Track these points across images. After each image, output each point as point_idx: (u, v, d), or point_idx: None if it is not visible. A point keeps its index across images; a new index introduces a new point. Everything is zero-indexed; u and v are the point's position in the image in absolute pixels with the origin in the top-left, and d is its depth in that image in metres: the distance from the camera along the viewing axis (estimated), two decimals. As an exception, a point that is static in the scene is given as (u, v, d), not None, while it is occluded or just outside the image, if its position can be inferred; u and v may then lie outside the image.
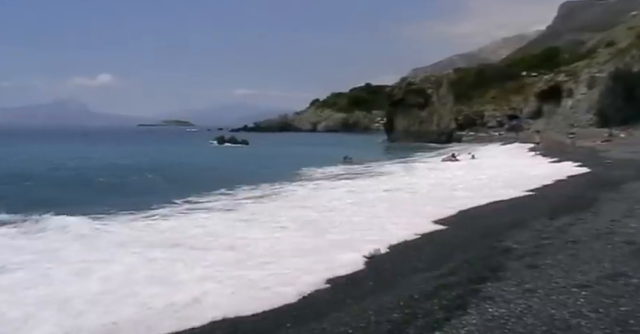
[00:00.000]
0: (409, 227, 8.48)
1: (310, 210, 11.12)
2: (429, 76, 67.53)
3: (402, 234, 7.91)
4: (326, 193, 14.13)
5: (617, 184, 10.75)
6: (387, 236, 7.78)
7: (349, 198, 12.78)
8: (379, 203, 11.92)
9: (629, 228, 6.17)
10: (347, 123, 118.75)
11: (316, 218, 10.00)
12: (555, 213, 8.03)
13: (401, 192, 14.16)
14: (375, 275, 5.85)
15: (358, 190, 14.64)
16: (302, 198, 13.26)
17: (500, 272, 4.71)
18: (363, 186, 16.05)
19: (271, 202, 12.65)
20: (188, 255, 6.99)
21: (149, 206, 11.51)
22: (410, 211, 10.40)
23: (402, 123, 60.76)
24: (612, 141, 31.51)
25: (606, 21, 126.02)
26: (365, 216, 10.07)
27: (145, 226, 9.37)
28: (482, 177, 17.12)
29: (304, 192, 14.65)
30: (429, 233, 8.10)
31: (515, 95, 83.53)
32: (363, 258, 6.52)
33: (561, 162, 20.41)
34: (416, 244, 7.39)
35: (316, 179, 19.03)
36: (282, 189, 15.19)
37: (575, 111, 61.56)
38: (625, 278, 4.15)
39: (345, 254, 6.78)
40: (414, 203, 11.82)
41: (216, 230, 8.92)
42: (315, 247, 7.41)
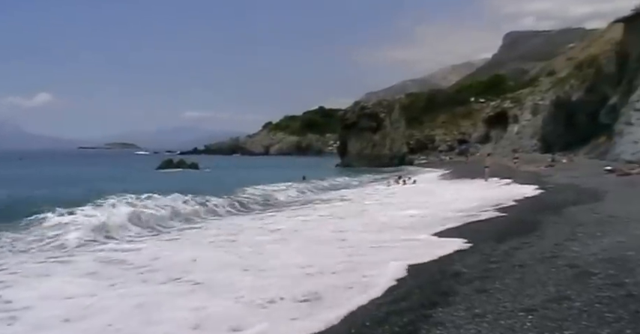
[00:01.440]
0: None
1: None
2: (381, 100, 68.94)
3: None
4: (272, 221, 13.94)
5: (559, 208, 11.16)
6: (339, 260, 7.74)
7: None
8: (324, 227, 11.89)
9: (571, 251, 6.37)
10: (300, 146, 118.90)
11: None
12: (502, 236, 8.23)
13: (347, 217, 14.27)
14: (324, 296, 5.77)
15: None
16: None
17: (451, 297, 4.75)
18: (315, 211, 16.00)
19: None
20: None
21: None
22: (357, 236, 10.43)
23: (355, 147, 61.50)
24: (555, 166, 32.95)
25: (547, 51, 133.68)
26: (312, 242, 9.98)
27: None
28: (423, 202, 17.48)
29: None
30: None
31: (464, 120, 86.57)
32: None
33: (504, 187, 21.07)
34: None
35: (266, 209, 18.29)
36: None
37: (520, 137, 64.25)
38: (568, 302, 4.25)
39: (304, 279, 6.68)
40: (362, 227, 11.87)
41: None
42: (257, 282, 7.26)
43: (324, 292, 6.02)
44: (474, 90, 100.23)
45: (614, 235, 7.20)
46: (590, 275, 5.04)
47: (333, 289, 6.13)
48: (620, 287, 4.52)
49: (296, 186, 26.69)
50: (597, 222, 8.66)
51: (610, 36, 51.91)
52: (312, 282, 6.52)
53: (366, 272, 6.83)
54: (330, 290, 6.07)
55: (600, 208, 10.64)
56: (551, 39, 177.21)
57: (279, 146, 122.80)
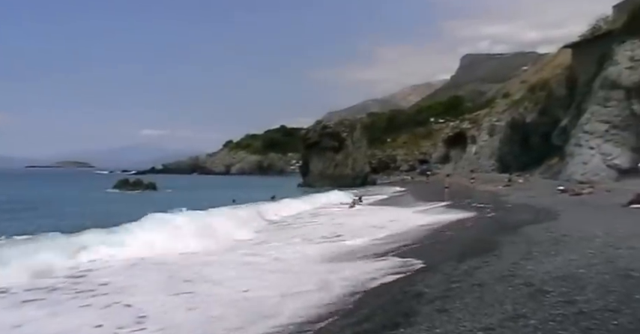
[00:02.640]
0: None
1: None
2: (343, 120, 69.59)
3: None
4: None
5: (516, 228, 11.47)
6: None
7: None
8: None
9: (527, 270, 6.55)
10: (262, 165, 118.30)
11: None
12: (462, 256, 8.39)
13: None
14: (289, 322, 5.75)
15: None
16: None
17: (412, 318, 4.81)
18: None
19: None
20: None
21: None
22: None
23: (317, 166, 61.69)
24: (511, 185, 33.98)
25: (502, 74, 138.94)
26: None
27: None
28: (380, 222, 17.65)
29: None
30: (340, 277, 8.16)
31: (424, 140, 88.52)
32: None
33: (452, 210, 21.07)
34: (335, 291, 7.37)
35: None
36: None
37: (478, 157, 66.01)
38: (524, 320, 4.38)
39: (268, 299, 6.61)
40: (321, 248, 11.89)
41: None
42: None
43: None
44: (433, 110, 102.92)
45: (566, 253, 7.46)
46: (544, 293, 5.20)
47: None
48: (572, 304, 4.70)
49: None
50: (552, 241, 8.92)
51: (560, 60, 54.51)
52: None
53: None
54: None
55: (554, 227, 11.00)
56: (505, 62, 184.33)
57: (241, 165, 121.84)
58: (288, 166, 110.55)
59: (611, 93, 31.59)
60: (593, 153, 31.32)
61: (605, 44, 33.87)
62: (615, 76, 31.36)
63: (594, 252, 7.34)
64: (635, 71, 30.28)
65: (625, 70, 30.89)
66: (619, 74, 31.17)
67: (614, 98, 31.40)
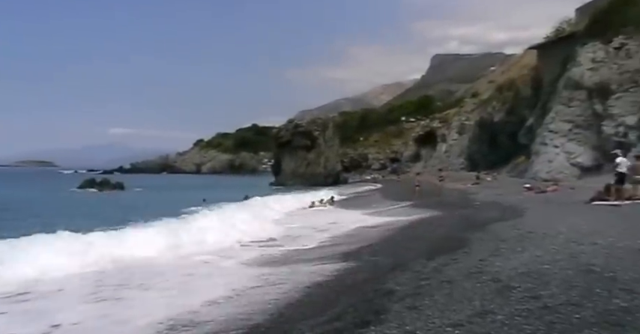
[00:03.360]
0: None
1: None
2: (315, 119, 69.82)
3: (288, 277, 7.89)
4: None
5: (484, 225, 11.67)
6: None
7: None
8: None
9: (495, 266, 6.67)
10: (233, 164, 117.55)
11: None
12: (432, 253, 8.50)
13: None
14: (262, 323, 5.74)
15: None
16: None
17: (383, 315, 4.86)
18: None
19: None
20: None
21: None
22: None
23: (289, 165, 61.69)
24: (480, 183, 34.65)
25: (471, 74, 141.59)
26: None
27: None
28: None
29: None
30: (316, 276, 8.19)
31: (396, 139, 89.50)
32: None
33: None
34: (303, 289, 7.39)
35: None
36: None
37: (448, 156, 67.08)
38: (491, 316, 4.47)
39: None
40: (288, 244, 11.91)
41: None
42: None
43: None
44: (404, 110, 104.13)
45: (532, 250, 7.64)
46: (511, 288, 5.31)
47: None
48: (537, 299, 4.82)
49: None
50: (518, 238, 9.11)
51: (526, 61, 55.89)
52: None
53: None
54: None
55: (521, 224, 11.24)
56: (474, 62, 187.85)
57: (212, 164, 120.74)
58: (260, 165, 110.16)
59: (574, 94, 32.53)
60: (558, 152, 32.20)
61: (569, 46, 34.86)
62: (578, 77, 32.31)
63: (558, 248, 7.55)
64: (597, 72, 31.25)
65: (587, 71, 31.85)
66: (581, 75, 32.12)
67: (577, 98, 32.35)
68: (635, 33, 29.86)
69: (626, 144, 25.55)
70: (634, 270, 5.75)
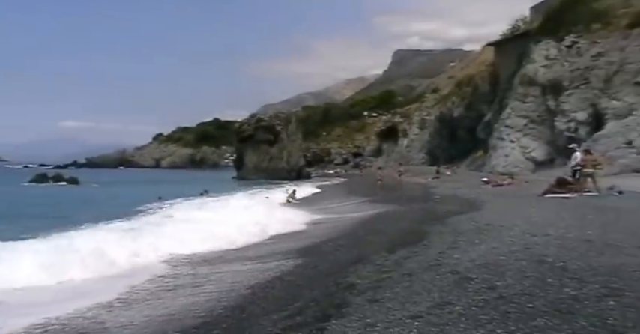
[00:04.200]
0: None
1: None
2: (278, 113, 69.58)
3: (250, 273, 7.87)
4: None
5: (444, 218, 11.92)
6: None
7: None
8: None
9: (453, 258, 6.83)
10: (194, 159, 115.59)
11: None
12: (393, 246, 8.61)
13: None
14: (223, 320, 5.70)
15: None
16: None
17: (344, 309, 4.90)
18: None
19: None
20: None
21: None
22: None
23: (251, 160, 61.28)
24: (440, 177, 35.40)
25: (431, 69, 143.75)
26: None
27: None
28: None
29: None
30: (278, 271, 8.20)
31: (358, 134, 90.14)
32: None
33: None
34: (265, 284, 7.38)
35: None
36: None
37: (410, 150, 68.13)
38: (450, 307, 4.58)
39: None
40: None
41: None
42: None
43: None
44: (367, 104, 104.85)
45: (489, 242, 7.85)
46: (468, 280, 5.45)
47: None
48: (493, 290, 4.98)
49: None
50: (476, 230, 9.34)
51: (484, 58, 57.20)
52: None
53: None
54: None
55: (478, 217, 11.55)
56: (434, 58, 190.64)
57: (172, 159, 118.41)
58: (222, 160, 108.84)
59: (528, 90, 33.62)
60: (514, 146, 33.26)
61: (524, 43, 35.95)
62: (532, 74, 33.38)
63: (513, 240, 7.80)
64: (550, 69, 32.37)
65: (541, 68, 32.95)
66: (535, 72, 33.20)
67: (531, 94, 33.45)
68: (585, 32, 31.06)
69: (576, 139, 26.61)
70: (582, 260, 6.01)
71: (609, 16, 30.53)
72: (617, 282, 4.92)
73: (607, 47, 29.07)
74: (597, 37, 30.13)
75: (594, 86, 28.93)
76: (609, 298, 4.43)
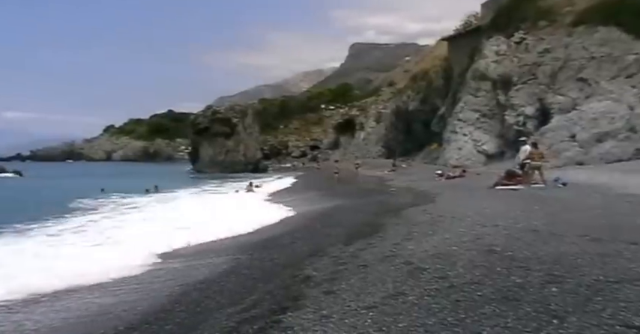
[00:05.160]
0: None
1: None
2: (234, 105, 68.69)
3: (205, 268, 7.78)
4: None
5: (399, 210, 12.16)
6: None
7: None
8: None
9: (407, 250, 6.98)
10: (148, 151, 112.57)
11: None
12: (350, 239, 8.72)
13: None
14: (177, 315, 5.62)
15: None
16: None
17: (300, 301, 4.94)
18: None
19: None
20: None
21: None
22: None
23: (207, 153, 60.39)
24: (396, 170, 35.98)
25: (388, 63, 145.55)
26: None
27: None
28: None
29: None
30: (234, 265, 8.14)
31: (315, 127, 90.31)
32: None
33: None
34: (220, 278, 7.32)
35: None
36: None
37: (366, 143, 68.79)
38: (403, 297, 4.69)
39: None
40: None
41: None
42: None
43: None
44: (324, 97, 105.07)
45: (442, 233, 8.08)
46: (422, 270, 5.60)
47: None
48: (444, 279, 5.13)
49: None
50: (430, 222, 9.59)
51: (438, 52, 58.16)
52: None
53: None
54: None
55: (432, 209, 11.85)
56: (390, 52, 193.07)
57: (124, 152, 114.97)
58: (177, 153, 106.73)
59: (480, 85, 34.55)
60: (466, 140, 34.15)
61: (476, 39, 36.85)
62: (484, 69, 34.32)
63: (465, 231, 8.05)
64: (500, 64, 33.36)
65: (492, 64, 33.92)
66: (487, 67, 34.15)
67: (483, 89, 34.39)
68: (532, 28, 32.15)
69: (525, 133, 27.60)
70: (528, 249, 6.28)
71: (554, 14, 31.69)
72: (560, 270, 5.17)
73: (553, 44, 30.19)
74: (544, 34, 31.23)
75: (541, 81, 30.01)
76: (552, 285, 4.65)
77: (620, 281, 4.62)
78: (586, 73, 27.39)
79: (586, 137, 25.29)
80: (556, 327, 3.63)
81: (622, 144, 24.23)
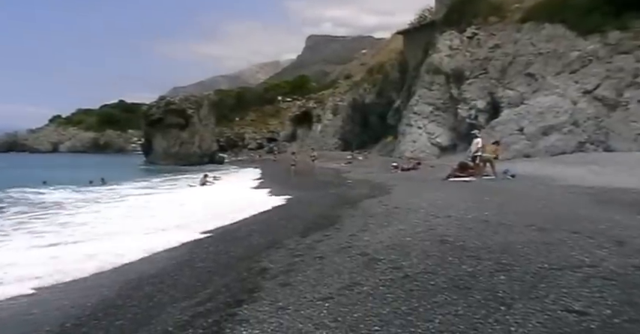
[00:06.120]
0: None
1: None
2: (189, 96, 67.22)
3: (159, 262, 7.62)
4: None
5: (356, 202, 12.27)
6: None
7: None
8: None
9: (363, 241, 7.06)
10: (98, 143, 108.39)
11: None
12: (306, 231, 8.75)
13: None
14: (129, 310, 5.49)
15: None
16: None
17: (256, 293, 4.93)
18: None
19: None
20: None
21: None
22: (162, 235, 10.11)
23: (161, 144, 58.98)
24: (352, 163, 36.31)
25: (344, 56, 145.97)
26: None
27: None
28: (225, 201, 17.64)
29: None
30: (188, 259, 8.02)
31: (272, 119, 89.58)
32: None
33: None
34: (174, 272, 7.20)
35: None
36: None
37: (323, 136, 68.97)
38: (359, 287, 4.76)
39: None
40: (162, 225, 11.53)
41: None
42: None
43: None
44: (281, 89, 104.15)
45: (397, 224, 8.22)
46: (377, 261, 5.68)
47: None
48: (399, 269, 5.23)
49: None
50: (385, 213, 9.72)
51: (394, 46, 58.94)
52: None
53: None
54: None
55: (388, 200, 12.02)
56: (347, 45, 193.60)
57: (72, 143, 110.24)
58: (129, 144, 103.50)
59: (434, 78, 35.27)
60: (421, 133, 34.84)
61: (430, 33, 37.55)
62: (437, 63, 35.03)
63: (419, 222, 8.22)
64: (453, 59, 34.14)
65: (445, 58, 34.67)
66: (440, 61, 34.88)
67: (437, 82, 35.12)
68: (484, 24, 33.05)
69: (477, 126, 28.42)
70: (479, 239, 6.49)
71: (504, 10, 32.67)
72: (508, 258, 5.37)
73: (503, 39, 31.13)
74: (494, 30, 32.16)
75: (492, 76, 30.93)
76: (500, 273, 4.83)
77: (562, 269, 4.85)
78: (533, 68, 28.41)
79: (533, 130, 26.28)
80: (503, 313, 3.77)
81: (566, 137, 25.34)
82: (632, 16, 24.97)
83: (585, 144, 24.72)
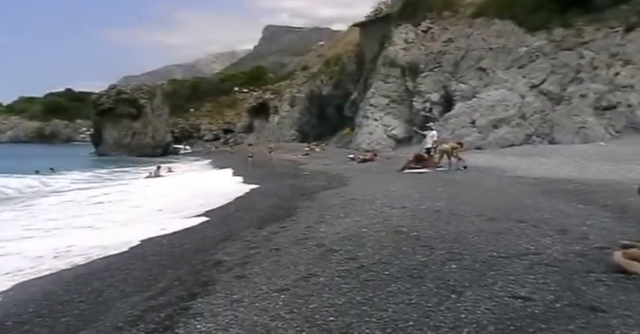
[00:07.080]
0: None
1: None
2: (141, 86, 65.54)
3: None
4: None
5: (313, 194, 12.31)
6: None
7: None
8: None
9: (320, 232, 7.10)
10: (43, 133, 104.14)
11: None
12: (263, 223, 8.71)
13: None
14: (76, 306, 5.30)
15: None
16: None
17: (211, 286, 4.86)
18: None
19: None
20: None
21: None
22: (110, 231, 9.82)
23: (112, 135, 57.31)
24: (310, 154, 36.34)
25: (301, 47, 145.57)
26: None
27: None
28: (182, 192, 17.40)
29: None
30: (140, 253, 7.82)
31: (229, 110, 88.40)
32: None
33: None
34: (125, 266, 6.99)
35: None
36: None
37: (281, 127, 68.72)
38: (315, 278, 4.77)
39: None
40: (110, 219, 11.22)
41: None
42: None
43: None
44: (237, 80, 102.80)
45: (353, 215, 8.29)
46: (333, 252, 5.72)
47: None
48: (354, 260, 5.29)
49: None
50: (342, 205, 9.78)
51: (351, 38, 59.29)
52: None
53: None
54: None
55: (344, 192, 12.11)
56: (304, 36, 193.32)
57: (14, 132, 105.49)
58: (78, 134, 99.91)
59: (390, 71, 35.70)
60: (377, 125, 35.25)
61: (386, 26, 37.92)
62: (393, 56, 35.46)
63: (375, 213, 8.33)
64: (409, 52, 34.65)
65: (400, 51, 35.13)
66: (396, 54, 35.32)
67: (392, 75, 35.58)
68: (438, 18, 33.70)
69: (431, 119, 29.02)
70: (432, 229, 6.64)
71: (457, 5, 33.41)
72: (459, 247, 5.52)
73: (456, 34, 31.85)
74: (448, 24, 32.85)
75: (445, 70, 31.62)
76: (452, 262, 4.96)
77: (509, 257, 5.03)
78: (484, 62, 29.24)
79: (484, 123, 27.09)
80: (454, 301, 3.88)
81: (514, 130, 26.26)
82: (576, 13, 26.06)
83: (532, 137, 25.70)
